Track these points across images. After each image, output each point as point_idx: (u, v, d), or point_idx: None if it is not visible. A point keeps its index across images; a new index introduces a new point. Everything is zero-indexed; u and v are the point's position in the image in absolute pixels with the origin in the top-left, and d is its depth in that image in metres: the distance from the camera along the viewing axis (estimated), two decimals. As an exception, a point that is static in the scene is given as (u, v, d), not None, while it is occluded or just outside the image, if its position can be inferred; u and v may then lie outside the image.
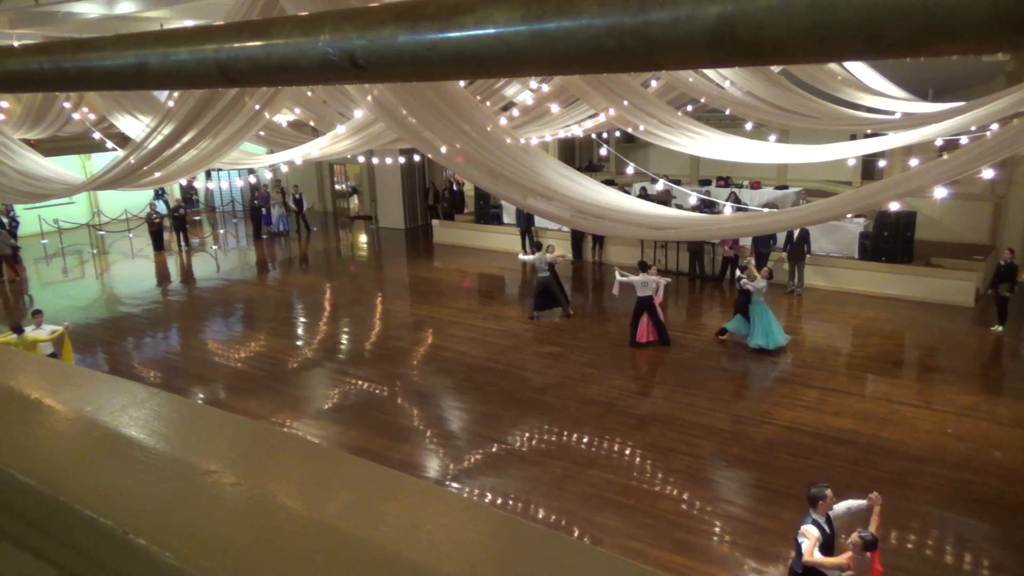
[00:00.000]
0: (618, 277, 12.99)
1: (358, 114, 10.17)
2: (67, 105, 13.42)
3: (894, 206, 11.86)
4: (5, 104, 13.74)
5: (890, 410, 10.16)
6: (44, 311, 11.46)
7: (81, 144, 17.00)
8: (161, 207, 24.62)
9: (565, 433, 9.77)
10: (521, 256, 16.09)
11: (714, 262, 16.89)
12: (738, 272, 13.03)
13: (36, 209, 21.68)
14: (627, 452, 9.25)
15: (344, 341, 14.52)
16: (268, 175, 15.91)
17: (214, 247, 23.41)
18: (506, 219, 21.18)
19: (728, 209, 13.87)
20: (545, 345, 13.21)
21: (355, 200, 28.67)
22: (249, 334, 14.86)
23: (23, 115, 13.65)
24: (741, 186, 19.34)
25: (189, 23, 11.29)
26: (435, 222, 22.95)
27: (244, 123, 9.08)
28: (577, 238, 18.74)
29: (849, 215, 13.78)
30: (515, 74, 1.22)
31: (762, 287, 12.14)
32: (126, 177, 9.77)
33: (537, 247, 14.63)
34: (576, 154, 24.90)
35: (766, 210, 13.89)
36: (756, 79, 11.61)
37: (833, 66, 12.51)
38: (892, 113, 12.33)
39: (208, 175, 24.03)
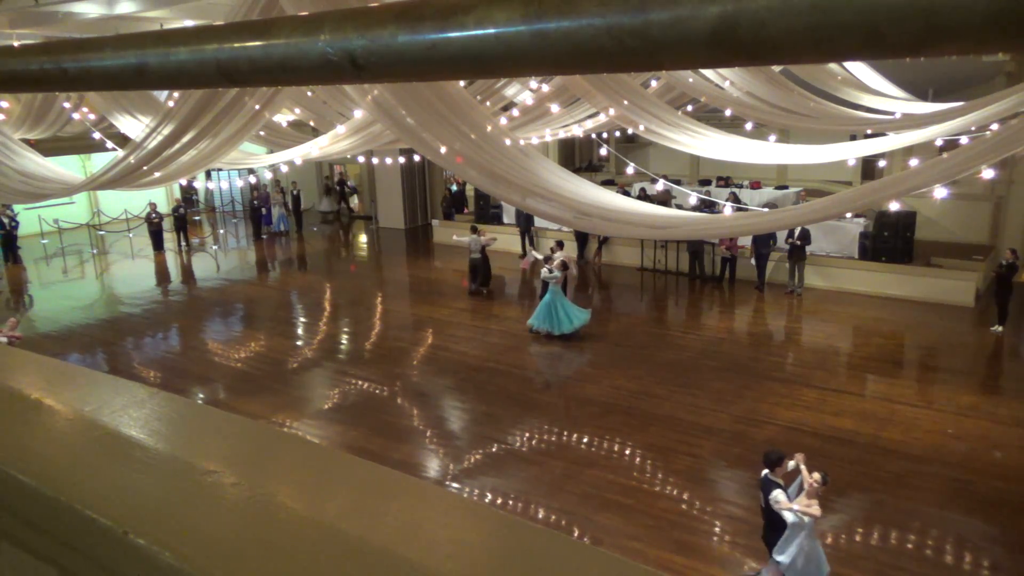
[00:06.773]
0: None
1: (358, 114, 10.16)
2: (67, 105, 13.41)
3: (894, 206, 11.83)
4: (5, 104, 13.73)
5: (890, 410, 10.16)
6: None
7: (81, 144, 16.99)
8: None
9: (565, 433, 9.77)
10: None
11: (714, 262, 16.88)
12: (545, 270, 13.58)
13: (36, 209, 21.66)
14: (627, 452, 9.25)
15: (344, 341, 14.52)
16: (268, 175, 15.91)
17: (214, 247, 23.41)
18: (506, 219, 21.17)
19: (728, 209, 13.87)
20: (545, 345, 13.21)
21: (355, 200, 28.67)
22: (249, 334, 14.86)
23: (23, 115, 13.64)
24: (741, 186, 19.34)
25: (189, 23, 11.29)
26: (435, 222, 22.93)
27: (244, 123, 9.06)
28: (581, 237, 18.71)
29: (849, 215, 13.77)
30: (515, 74, 1.22)
31: (556, 276, 13.26)
32: (126, 177, 9.75)
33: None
34: (576, 154, 24.89)
35: (766, 210, 13.88)
36: (756, 79, 11.60)
37: (833, 66, 12.50)
38: (892, 113, 12.31)
39: (208, 175, 24.02)
